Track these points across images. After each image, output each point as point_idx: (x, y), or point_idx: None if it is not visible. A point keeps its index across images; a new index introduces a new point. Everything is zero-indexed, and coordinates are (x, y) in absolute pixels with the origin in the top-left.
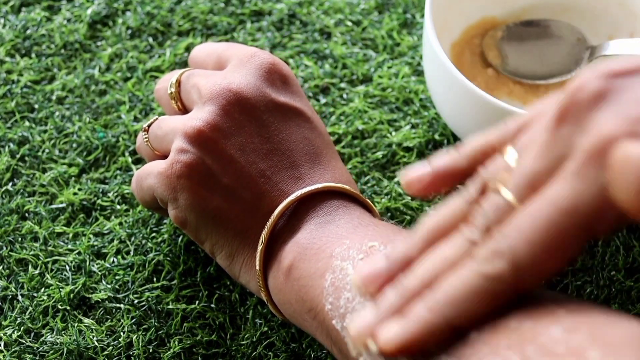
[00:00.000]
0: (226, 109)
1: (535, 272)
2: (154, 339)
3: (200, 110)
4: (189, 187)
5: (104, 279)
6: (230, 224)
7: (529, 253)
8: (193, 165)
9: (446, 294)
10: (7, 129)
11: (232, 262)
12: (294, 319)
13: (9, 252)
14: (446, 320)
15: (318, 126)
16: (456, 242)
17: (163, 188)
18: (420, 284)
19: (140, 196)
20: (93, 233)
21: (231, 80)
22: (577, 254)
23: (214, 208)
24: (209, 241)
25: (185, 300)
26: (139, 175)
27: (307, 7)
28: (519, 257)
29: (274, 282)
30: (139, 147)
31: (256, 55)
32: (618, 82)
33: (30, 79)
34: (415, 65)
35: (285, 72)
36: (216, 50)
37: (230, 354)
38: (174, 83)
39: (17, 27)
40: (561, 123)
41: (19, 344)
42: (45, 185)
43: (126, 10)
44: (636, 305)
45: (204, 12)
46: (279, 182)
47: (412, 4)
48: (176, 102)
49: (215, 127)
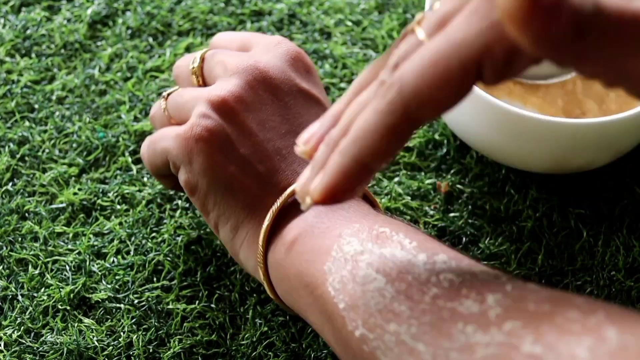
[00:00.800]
0: (252, 84)
1: (423, 102)
2: (154, 339)
3: (226, 82)
4: (206, 151)
5: (104, 279)
6: (240, 195)
7: (415, 82)
8: (213, 130)
9: (353, 135)
10: (7, 129)
11: (235, 235)
12: (288, 295)
13: (9, 252)
14: (355, 160)
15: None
16: (371, 86)
17: (179, 150)
18: (341, 132)
19: (150, 160)
20: (93, 233)
21: (258, 59)
22: (465, 92)
23: (228, 176)
24: (216, 211)
25: (185, 300)
26: (153, 138)
27: (307, 7)
28: (407, 87)
29: (273, 257)
30: (153, 115)
31: (283, 42)
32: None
33: (30, 79)
34: None
35: (309, 63)
36: (240, 37)
37: (230, 354)
38: (198, 58)
39: (17, 27)
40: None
41: (19, 344)
42: (45, 185)
43: (126, 10)
44: (636, 305)
45: (204, 12)
46: (294, 162)
47: (412, 4)
48: (197, 77)
49: (239, 99)
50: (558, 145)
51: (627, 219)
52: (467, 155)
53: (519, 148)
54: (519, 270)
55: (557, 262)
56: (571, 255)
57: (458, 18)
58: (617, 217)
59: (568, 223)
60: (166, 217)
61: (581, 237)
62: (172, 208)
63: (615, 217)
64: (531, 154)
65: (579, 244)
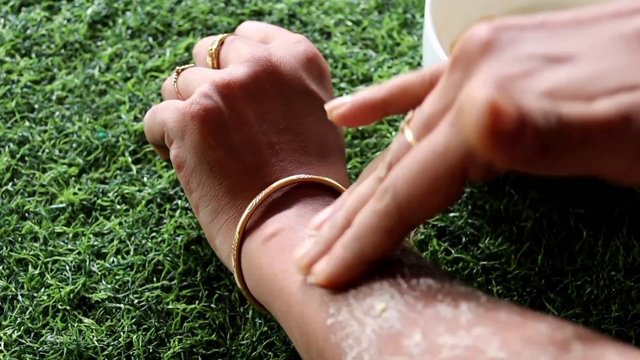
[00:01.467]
0: (259, 74)
1: (416, 209)
2: (154, 339)
3: (235, 68)
4: (199, 130)
5: (104, 279)
6: (225, 180)
7: (407, 191)
8: (210, 110)
9: (354, 231)
10: (7, 129)
11: (214, 219)
12: (256, 284)
13: (9, 252)
14: (356, 255)
15: (337, 127)
16: (370, 179)
17: (174, 123)
18: (344, 219)
19: (149, 128)
20: (93, 233)
21: (273, 52)
22: (455, 194)
23: (216, 158)
24: (199, 191)
25: (185, 300)
26: (156, 107)
27: (307, 7)
28: (399, 194)
29: (248, 247)
30: (164, 87)
31: (302, 41)
32: (506, 35)
33: (30, 79)
34: (415, 65)
35: (324, 67)
36: (265, 29)
37: (230, 354)
38: (218, 41)
39: (17, 27)
40: (453, 69)
41: (19, 344)
42: (45, 185)
43: (126, 10)
44: (636, 305)
45: (204, 12)
46: (285, 159)
47: (412, 4)
48: (213, 59)
49: (244, 86)
50: None
51: (627, 219)
52: None
53: None
54: (518, 270)
55: (557, 262)
56: (571, 255)
57: (440, 127)
58: (617, 217)
59: (568, 223)
60: (166, 217)
61: (581, 237)
62: (172, 208)
63: (615, 217)
64: None
65: (579, 244)
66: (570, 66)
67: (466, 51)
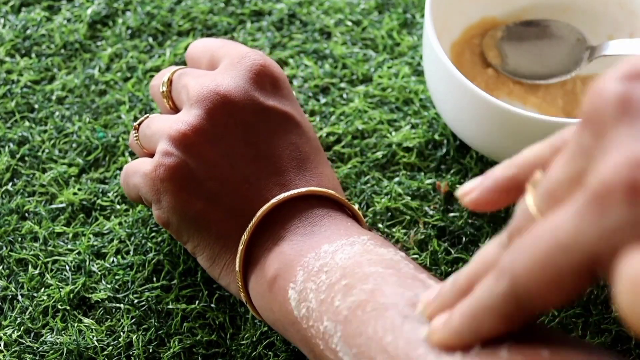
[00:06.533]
0: (212, 112)
1: (534, 299)
2: (154, 339)
3: (187, 113)
4: (172, 191)
5: (104, 278)
6: (212, 228)
7: (526, 282)
8: (176, 168)
9: (472, 307)
10: (7, 129)
11: (212, 264)
12: (275, 325)
13: (9, 252)
14: (471, 334)
15: (307, 131)
16: (494, 242)
17: (147, 189)
18: (466, 282)
19: (127, 192)
20: (93, 233)
21: (219, 82)
22: (581, 289)
23: (196, 212)
24: (191, 243)
25: (185, 300)
26: (127, 171)
27: (307, 7)
28: (517, 284)
29: (256, 288)
30: (130, 144)
31: (247, 56)
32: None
33: (30, 79)
34: (415, 65)
35: (277, 75)
36: (211, 48)
37: (230, 353)
38: (166, 82)
39: (17, 27)
40: (583, 131)
41: (19, 344)
42: (45, 185)
43: (126, 10)
44: None
45: (204, 12)
46: (263, 188)
47: (412, 4)
48: (167, 101)
49: (200, 131)
50: None
51: None
52: (467, 155)
53: (519, 148)
54: None
55: None
56: None
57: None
58: None
59: None
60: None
61: None
62: None
63: None
64: None
65: None
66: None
67: (597, 110)
